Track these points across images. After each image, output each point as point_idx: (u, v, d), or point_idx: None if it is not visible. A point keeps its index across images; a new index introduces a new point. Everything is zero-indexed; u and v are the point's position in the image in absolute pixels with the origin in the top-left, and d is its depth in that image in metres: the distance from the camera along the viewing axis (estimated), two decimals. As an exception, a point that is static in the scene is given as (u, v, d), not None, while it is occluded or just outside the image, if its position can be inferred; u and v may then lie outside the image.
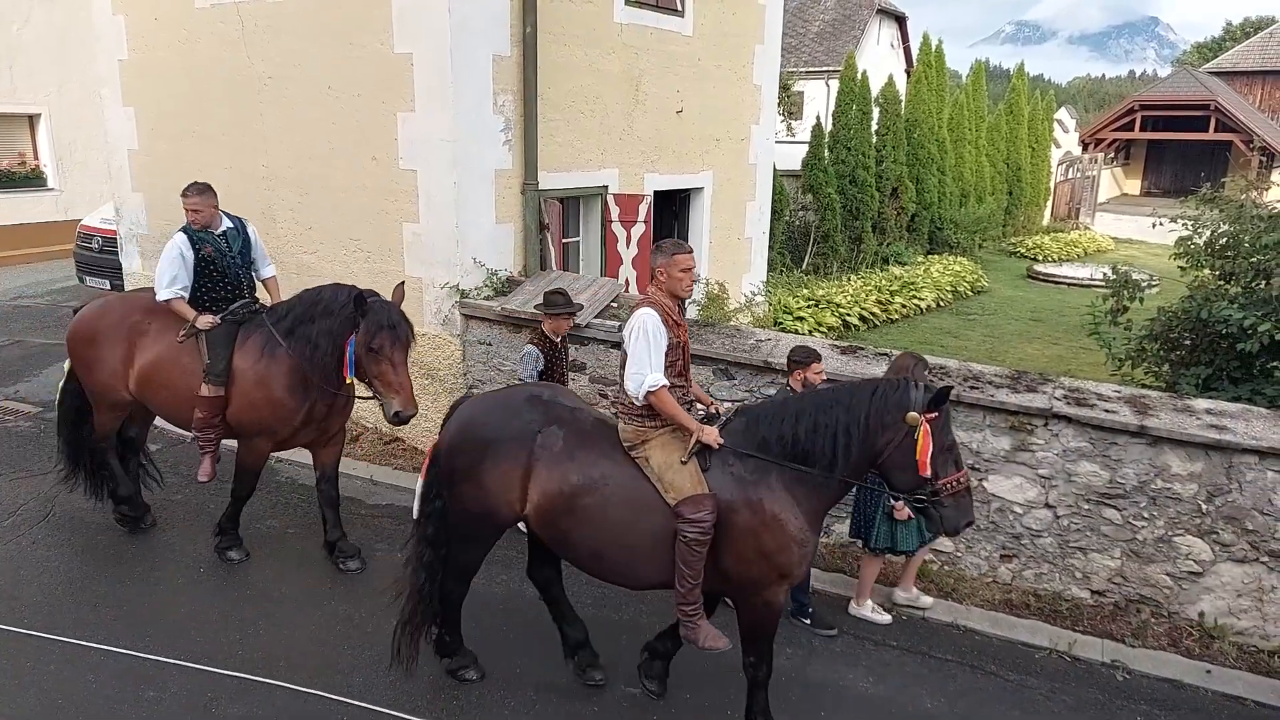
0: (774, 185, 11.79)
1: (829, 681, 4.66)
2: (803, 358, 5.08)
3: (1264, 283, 6.47)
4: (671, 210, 9.90)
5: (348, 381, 5.10)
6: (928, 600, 5.45)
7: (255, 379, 5.17)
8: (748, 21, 9.95)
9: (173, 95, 8.70)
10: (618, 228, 8.55)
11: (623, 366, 3.90)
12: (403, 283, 5.39)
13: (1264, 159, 25.67)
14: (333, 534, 5.59)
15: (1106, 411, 5.26)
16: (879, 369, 5.87)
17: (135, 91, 9.08)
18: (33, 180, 14.91)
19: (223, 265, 5.37)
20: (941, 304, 15.02)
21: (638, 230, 8.74)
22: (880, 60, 28.11)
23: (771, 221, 12.01)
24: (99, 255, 11.12)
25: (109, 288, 11.11)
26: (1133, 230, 26.12)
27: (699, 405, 4.13)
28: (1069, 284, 17.85)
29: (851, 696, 4.58)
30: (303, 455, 7.16)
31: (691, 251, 3.94)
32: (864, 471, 3.80)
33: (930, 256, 17.84)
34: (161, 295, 5.27)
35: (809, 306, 12.27)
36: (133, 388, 5.43)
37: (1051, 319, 14.43)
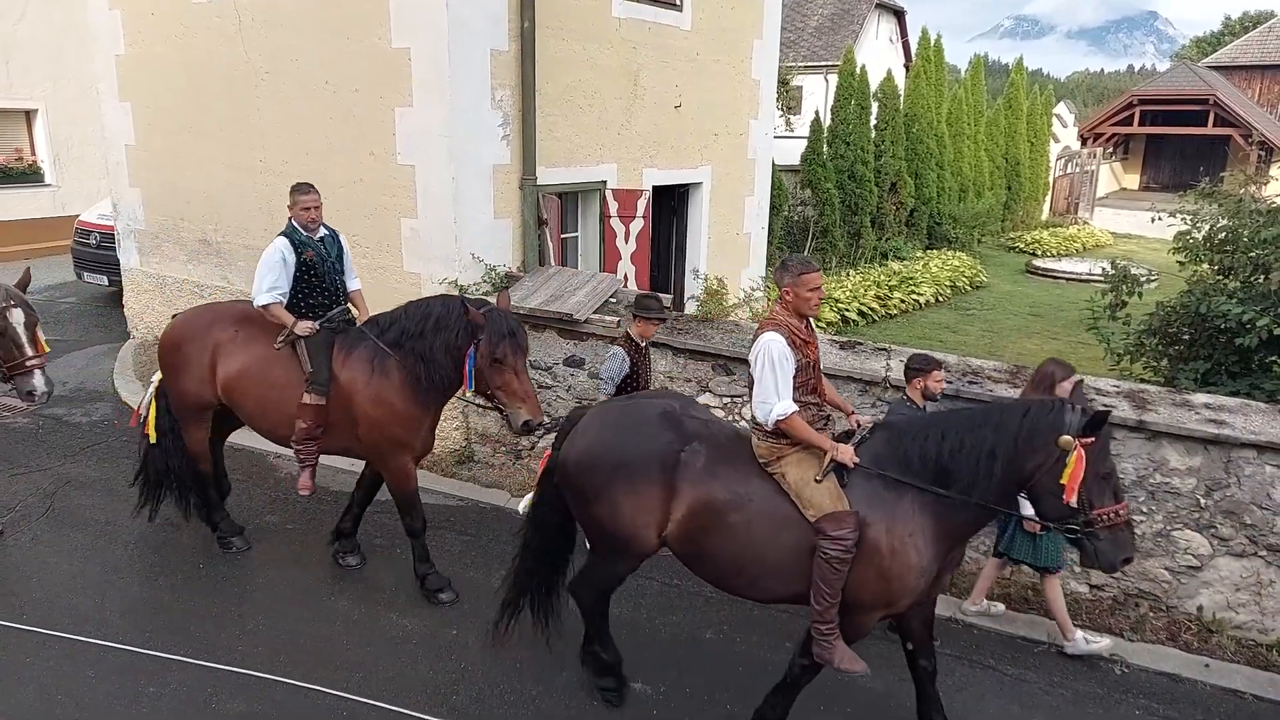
0: (773, 180, 11.77)
1: (827, 675, 4.64)
2: (922, 365, 4.87)
3: (1263, 277, 6.47)
4: (670, 205, 9.88)
5: (466, 395, 4.90)
6: (999, 607, 5.25)
7: (373, 396, 4.96)
8: (746, 16, 9.92)
9: (170, 90, 8.68)
10: (616, 223, 8.54)
11: (750, 390, 3.83)
12: (506, 288, 5.18)
13: (1263, 153, 25.66)
14: (345, 523, 5.55)
15: (1105, 406, 5.26)
16: (878, 364, 5.87)
17: (132, 86, 9.05)
18: (30, 176, 14.88)
19: (322, 271, 5.21)
20: (940, 299, 15.02)
21: (636, 225, 8.72)
22: (879, 55, 28.09)
23: (770, 217, 11.99)
24: (97, 251, 11.11)
25: (106, 284, 11.11)
26: (1131, 225, 26.12)
27: (839, 416, 3.99)
28: (1068, 279, 17.84)
29: (850, 690, 4.58)
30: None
31: (819, 270, 3.82)
32: (1010, 497, 3.63)
33: (929, 251, 17.84)
34: (260, 300, 5.08)
35: (808, 301, 12.25)
36: (221, 395, 5.29)
37: (1050, 314, 14.43)
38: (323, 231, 5.31)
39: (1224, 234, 7.03)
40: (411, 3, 6.76)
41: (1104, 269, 7.78)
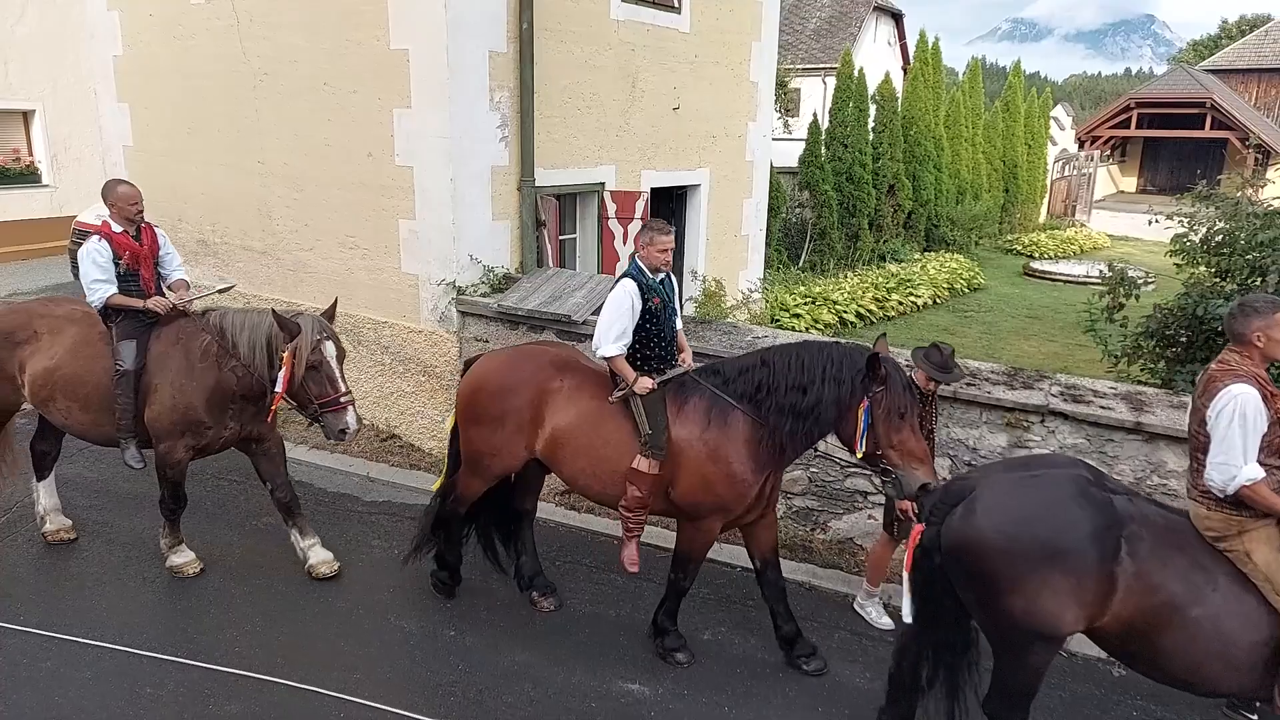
0: (771, 182, 11.78)
1: (825, 676, 4.66)
2: None
3: (1260, 280, 6.48)
4: (668, 207, 9.89)
5: (858, 456, 4.26)
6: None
7: (708, 452, 4.41)
8: (745, 18, 9.94)
9: (168, 91, 8.68)
10: (614, 224, 8.55)
11: (1200, 450, 3.43)
12: (884, 335, 4.62)
13: (1259, 156, 25.72)
14: (786, 628, 4.79)
15: (1102, 408, 5.27)
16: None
17: (130, 87, 9.05)
18: (27, 177, 14.85)
19: (663, 318, 4.65)
20: (938, 301, 15.05)
21: (634, 227, 8.73)
22: (877, 57, 28.16)
23: (768, 219, 12.01)
24: (94, 252, 11.08)
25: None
26: (1129, 227, 26.19)
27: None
28: (1065, 281, 17.88)
29: (847, 691, 4.58)
30: (299, 452, 7.17)
31: None
32: None
33: (927, 254, 17.88)
34: (605, 350, 4.54)
35: (806, 304, 12.28)
36: (540, 450, 4.76)
37: (1048, 316, 14.46)
38: (661, 274, 4.75)
39: (1221, 236, 7.04)
40: (410, 4, 6.77)
41: (1101, 271, 7.79)
